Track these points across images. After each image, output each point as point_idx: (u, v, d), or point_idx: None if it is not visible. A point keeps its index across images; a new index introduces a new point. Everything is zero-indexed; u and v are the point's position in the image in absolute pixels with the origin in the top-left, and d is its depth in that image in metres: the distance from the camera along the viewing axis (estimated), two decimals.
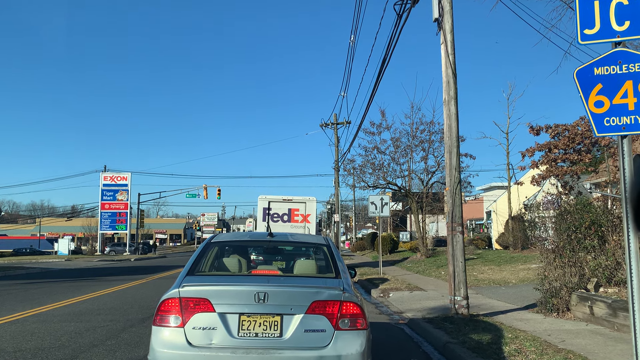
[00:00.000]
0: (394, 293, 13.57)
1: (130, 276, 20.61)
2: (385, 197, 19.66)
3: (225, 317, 3.91)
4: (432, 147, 27.12)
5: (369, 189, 28.00)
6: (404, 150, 27.18)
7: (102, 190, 52.32)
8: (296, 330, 3.89)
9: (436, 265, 22.09)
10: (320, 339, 3.89)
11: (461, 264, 8.70)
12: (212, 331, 3.87)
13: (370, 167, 27.66)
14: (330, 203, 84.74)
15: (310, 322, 3.91)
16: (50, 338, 7.64)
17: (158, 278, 19.76)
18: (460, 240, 8.78)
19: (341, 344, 3.88)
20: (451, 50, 9.02)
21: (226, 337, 3.86)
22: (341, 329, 3.93)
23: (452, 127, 9.02)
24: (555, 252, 9.47)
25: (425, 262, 24.23)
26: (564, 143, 20.74)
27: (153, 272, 22.62)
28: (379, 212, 19.39)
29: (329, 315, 3.94)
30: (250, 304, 3.92)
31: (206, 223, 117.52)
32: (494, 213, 42.04)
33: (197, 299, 3.95)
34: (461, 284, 8.67)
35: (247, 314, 3.92)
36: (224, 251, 5.44)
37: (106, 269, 27.90)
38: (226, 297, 4.00)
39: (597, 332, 7.42)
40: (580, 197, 16.30)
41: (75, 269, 28.09)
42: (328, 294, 4.05)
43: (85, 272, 24.64)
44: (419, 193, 28.10)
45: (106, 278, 19.94)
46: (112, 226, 52.69)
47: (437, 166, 27.16)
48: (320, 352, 3.85)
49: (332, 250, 5.10)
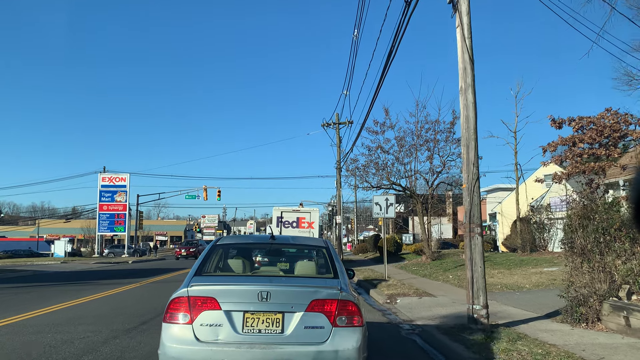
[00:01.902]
0: (401, 299, 12.72)
1: (124, 280, 19.75)
2: (390, 198, 18.82)
3: (231, 314, 4.14)
4: (437, 147, 26.29)
5: (373, 189, 27.16)
6: (408, 149, 26.34)
7: (101, 192, 51.41)
8: (296, 327, 4.12)
9: (442, 269, 21.22)
10: (319, 335, 4.12)
11: (480, 269, 7.86)
12: (218, 327, 4.11)
13: (374, 167, 26.84)
14: (331, 205, 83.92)
15: (309, 319, 4.15)
16: (17, 354, 6.78)
17: (152, 282, 18.90)
18: (479, 242, 7.94)
19: (338, 340, 4.11)
20: (468, 33, 8.19)
21: (231, 333, 4.09)
22: (338, 326, 4.16)
23: (470, 118, 8.18)
24: (582, 256, 8.60)
25: (431, 265, 23.37)
26: (590, 136, 19.48)
27: (148, 276, 21.78)
28: (383, 213, 18.54)
29: (327, 313, 4.18)
30: (253, 302, 4.16)
31: (206, 225, 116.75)
32: (499, 215, 41.18)
33: (204, 298, 4.18)
34: (480, 291, 7.82)
35: (251, 312, 4.15)
36: (228, 253, 5.67)
37: (101, 271, 27.05)
38: (231, 296, 4.23)
39: (638, 347, 6.56)
40: (607, 196, 15.35)
41: (69, 272, 27.23)
42: (326, 293, 4.27)
43: (78, 276, 23.79)
44: (424, 194, 27.23)
45: (98, 282, 19.07)
46: (111, 228, 51.78)
47: (442, 166, 26.33)
48: (319, 347, 4.07)
49: (331, 252, 5.35)
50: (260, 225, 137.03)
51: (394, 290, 14.36)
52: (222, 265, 5.41)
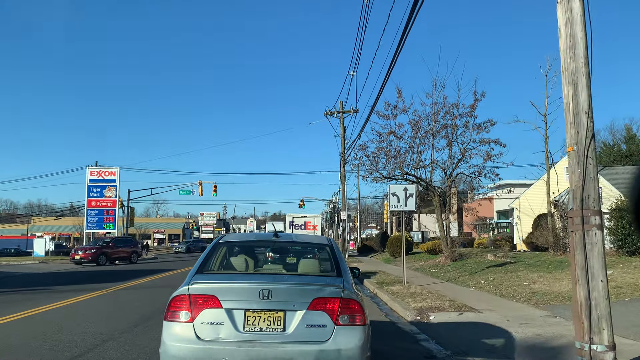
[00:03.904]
0: (435, 314, 9.64)
1: (91, 285, 16.62)
2: (410, 187, 15.72)
3: (232, 312, 4.11)
4: (455, 134, 23.21)
5: (383, 180, 24.02)
6: (424, 135, 23.23)
7: (89, 186, 47.96)
8: (298, 325, 4.08)
9: (468, 272, 18.11)
10: (321, 333, 4.07)
11: (602, 285, 4.75)
12: (220, 326, 4.08)
13: (385, 155, 23.71)
14: (332, 202, 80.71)
15: (311, 317, 4.11)
16: None
17: (123, 288, 15.80)
18: (599, 240, 4.82)
19: (341, 339, 4.06)
20: None
21: (232, 331, 4.06)
22: (341, 325, 4.11)
23: (578, 40, 5.06)
24: None
25: (452, 267, 20.26)
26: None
27: (125, 279, 18.71)
28: (402, 206, 15.45)
29: (330, 312, 4.13)
30: (255, 300, 4.13)
31: (205, 222, 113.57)
32: (516, 210, 38.01)
33: (205, 296, 4.16)
34: (603, 320, 4.71)
35: (252, 310, 4.12)
36: (232, 251, 5.62)
37: (75, 273, 23.95)
38: (232, 294, 4.21)
39: None
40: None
41: (41, 273, 24.14)
42: (329, 291, 4.26)
43: (43, 279, 20.59)
44: (440, 187, 24.09)
45: (59, 288, 15.90)
46: (100, 225, 48.41)
47: (462, 155, 23.19)
48: (321, 346, 4.02)
49: (334, 250, 5.34)
50: (260, 223, 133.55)
51: (421, 301, 11.26)
52: (225, 263, 5.36)
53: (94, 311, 10.94)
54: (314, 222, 33.43)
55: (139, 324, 8.89)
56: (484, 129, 22.77)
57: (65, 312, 10.57)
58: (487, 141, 22.77)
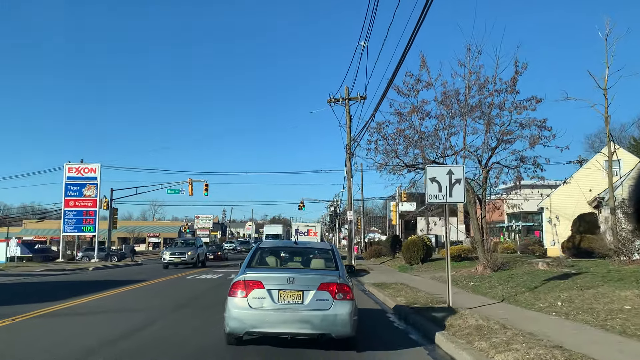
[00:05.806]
0: None
1: (42, 303, 12.09)
2: (456, 170, 11.20)
3: (270, 291, 6.92)
4: (492, 114, 18.71)
5: (404, 169, 19.48)
6: (455, 115, 18.74)
7: (66, 184, 43.41)
8: (311, 299, 6.88)
9: (524, 287, 13.57)
10: (325, 304, 6.84)
11: None
12: (263, 300, 6.88)
13: (405, 140, 19.19)
14: (333, 204, 76.08)
15: (319, 295, 6.89)
16: None
17: (77, 304, 11.28)
18: None
19: (337, 308, 6.83)
20: None
21: (271, 303, 6.87)
22: (337, 300, 6.87)
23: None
24: None
25: (496, 279, 15.68)
26: None
27: (88, 292, 14.43)
28: (444, 195, 10.95)
29: (330, 291, 6.90)
30: (284, 284, 6.94)
31: (200, 226, 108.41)
32: (547, 210, 33.48)
33: (254, 281, 6.99)
34: None
35: (283, 290, 6.93)
36: (265, 253, 8.55)
37: (32, 284, 19.57)
38: (271, 280, 7.02)
39: None
40: None
41: None
42: (330, 279, 7.08)
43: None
44: (474, 179, 19.54)
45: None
46: (78, 227, 43.83)
47: (499, 140, 18.65)
48: (325, 312, 6.80)
49: (335, 253, 8.28)
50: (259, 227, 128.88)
51: (514, 352, 6.64)
52: (261, 261, 8.18)
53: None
54: (315, 229, 46.08)
55: None
56: (528, 107, 18.28)
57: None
58: (530, 122, 18.25)
